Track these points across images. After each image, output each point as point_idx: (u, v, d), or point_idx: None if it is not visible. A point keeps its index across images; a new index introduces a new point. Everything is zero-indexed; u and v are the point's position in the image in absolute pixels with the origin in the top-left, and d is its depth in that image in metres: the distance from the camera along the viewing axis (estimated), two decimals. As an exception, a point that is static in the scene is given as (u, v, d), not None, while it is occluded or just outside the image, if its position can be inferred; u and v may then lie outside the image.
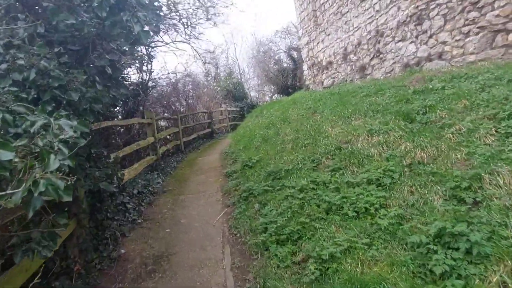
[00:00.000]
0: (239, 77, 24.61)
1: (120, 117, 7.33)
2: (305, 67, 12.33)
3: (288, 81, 23.43)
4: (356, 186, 3.21)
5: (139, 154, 7.06)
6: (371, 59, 8.04)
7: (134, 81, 8.14)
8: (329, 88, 10.00)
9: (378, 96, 5.32)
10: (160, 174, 6.77)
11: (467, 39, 5.28)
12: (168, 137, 9.46)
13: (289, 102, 9.59)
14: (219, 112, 14.68)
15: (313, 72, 11.58)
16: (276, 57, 24.93)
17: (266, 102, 25.44)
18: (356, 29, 8.55)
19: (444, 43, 5.75)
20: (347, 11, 8.86)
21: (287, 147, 5.15)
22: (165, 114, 11.29)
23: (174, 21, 8.62)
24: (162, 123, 11.42)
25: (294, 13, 12.33)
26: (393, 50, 7.16)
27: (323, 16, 10.42)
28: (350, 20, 8.75)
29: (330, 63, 10.22)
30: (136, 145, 5.86)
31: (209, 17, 8.53)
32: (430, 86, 4.64)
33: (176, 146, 9.73)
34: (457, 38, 5.46)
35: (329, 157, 4.09)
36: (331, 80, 10.25)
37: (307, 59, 11.96)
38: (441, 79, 4.81)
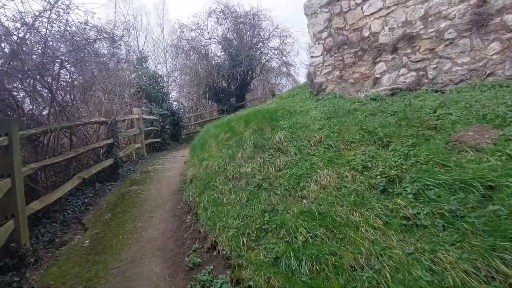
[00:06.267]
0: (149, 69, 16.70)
1: None
2: (315, 50, 6.49)
3: (222, 83, 17.00)
4: None
5: None
6: None
7: None
8: (405, 96, 4.44)
9: None
10: None
11: None
12: None
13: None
14: (127, 123, 7.06)
15: (341, 61, 5.88)
16: (203, 50, 18.10)
17: (202, 115, 17.87)
18: None
19: None
20: None
21: None
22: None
23: None
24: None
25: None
26: None
27: None
28: None
29: (410, 38, 4.74)
30: None
31: None
32: None
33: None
34: None
35: None
36: (412, 76, 4.75)
37: (325, 33, 6.19)
38: None
